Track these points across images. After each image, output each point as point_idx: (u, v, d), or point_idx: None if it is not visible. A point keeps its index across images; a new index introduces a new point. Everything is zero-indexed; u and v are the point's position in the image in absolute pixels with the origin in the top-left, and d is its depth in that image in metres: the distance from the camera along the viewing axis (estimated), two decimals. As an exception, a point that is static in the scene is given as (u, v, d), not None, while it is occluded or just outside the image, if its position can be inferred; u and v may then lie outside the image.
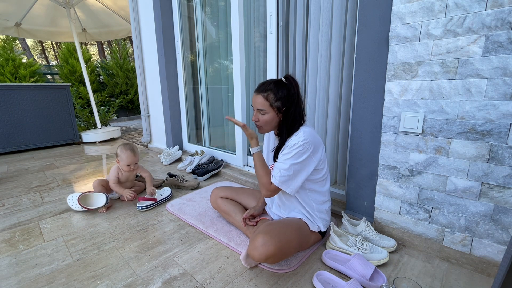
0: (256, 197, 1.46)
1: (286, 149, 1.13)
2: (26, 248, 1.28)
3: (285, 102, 1.14)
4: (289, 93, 1.14)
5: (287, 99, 1.14)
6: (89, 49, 14.69)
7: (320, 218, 1.24)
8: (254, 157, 1.19)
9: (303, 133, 1.12)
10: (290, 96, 1.14)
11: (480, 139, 1.03)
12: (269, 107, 1.14)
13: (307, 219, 1.23)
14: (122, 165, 1.76)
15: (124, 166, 1.76)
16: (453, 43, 1.03)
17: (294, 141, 1.11)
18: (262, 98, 1.14)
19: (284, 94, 1.13)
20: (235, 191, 1.51)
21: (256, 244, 1.01)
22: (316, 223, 1.23)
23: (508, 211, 1.01)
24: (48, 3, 3.87)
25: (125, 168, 1.77)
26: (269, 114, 1.15)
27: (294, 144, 1.10)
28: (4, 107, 3.05)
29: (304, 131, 1.13)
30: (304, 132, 1.12)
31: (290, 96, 1.14)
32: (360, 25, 1.28)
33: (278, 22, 1.82)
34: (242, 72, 2.14)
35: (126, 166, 1.76)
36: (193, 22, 2.69)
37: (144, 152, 3.23)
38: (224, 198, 1.50)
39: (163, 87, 2.87)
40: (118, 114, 6.62)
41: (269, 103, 1.14)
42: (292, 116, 1.15)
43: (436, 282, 1.05)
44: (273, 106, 1.14)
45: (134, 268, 1.14)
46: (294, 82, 1.15)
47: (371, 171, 1.35)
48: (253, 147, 1.19)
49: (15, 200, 1.85)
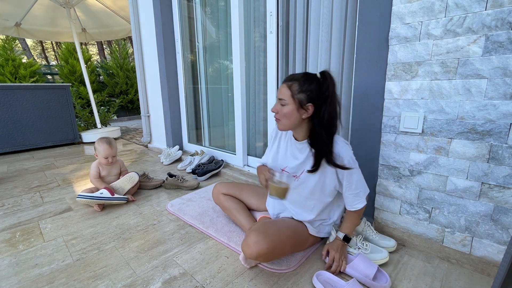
0: (259, 194, 1.45)
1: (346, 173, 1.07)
2: (26, 248, 1.28)
3: (312, 98, 1.01)
4: (319, 89, 1.01)
5: (317, 95, 1.01)
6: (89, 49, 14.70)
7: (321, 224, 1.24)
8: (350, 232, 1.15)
9: (345, 144, 1.08)
10: (322, 93, 1.01)
11: (480, 139, 1.03)
12: (290, 97, 1.02)
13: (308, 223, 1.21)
14: (100, 158, 1.82)
15: (102, 159, 1.82)
16: (453, 43, 1.03)
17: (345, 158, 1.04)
18: (285, 87, 1.04)
19: (311, 87, 1.01)
20: (238, 188, 1.49)
21: (249, 241, 1.02)
22: (314, 227, 1.22)
23: (508, 211, 1.01)
24: (48, 3, 3.86)
25: (103, 161, 1.82)
26: (289, 106, 1.03)
27: (348, 161, 1.05)
28: (4, 107, 3.05)
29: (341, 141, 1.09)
30: (343, 143, 1.08)
31: (320, 93, 1.01)
32: (360, 25, 1.28)
33: (278, 22, 1.82)
34: (242, 72, 2.14)
35: (103, 159, 1.82)
36: (193, 22, 2.69)
37: (144, 152, 3.23)
38: (226, 195, 1.48)
39: (163, 87, 2.87)
40: (118, 114, 6.61)
41: (291, 93, 1.02)
42: (325, 117, 1.01)
43: (436, 282, 1.05)
44: (294, 97, 1.02)
45: (134, 268, 1.14)
46: (330, 78, 1.01)
47: (371, 171, 1.34)
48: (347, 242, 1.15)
49: (15, 200, 1.84)
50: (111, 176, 1.89)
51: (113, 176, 1.90)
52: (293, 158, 1.17)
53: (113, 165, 1.89)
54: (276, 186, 1.05)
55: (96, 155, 1.84)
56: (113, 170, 1.90)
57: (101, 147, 1.80)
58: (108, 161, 1.83)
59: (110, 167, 1.88)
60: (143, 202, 1.79)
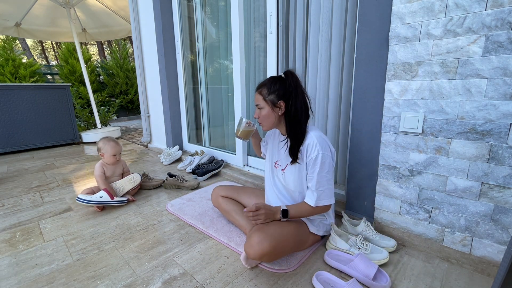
0: (257, 196, 1.46)
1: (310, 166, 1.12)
2: (26, 248, 1.28)
3: (281, 95, 1.12)
4: (284, 86, 1.12)
5: (283, 92, 1.12)
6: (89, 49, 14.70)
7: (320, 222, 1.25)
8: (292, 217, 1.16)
9: (316, 138, 1.11)
10: (286, 89, 1.12)
11: (480, 139, 1.03)
12: (263, 101, 1.15)
13: (308, 221, 1.23)
14: (108, 156, 1.80)
15: (110, 158, 1.80)
16: (453, 43, 1.03)
17: (312, 153, 1.10)
18: (257, 94, 1.18)
19: (277, 87, 1.12)
20: (236, 191, 1.51)
21: (251, 241, 1.02)
22: (314, 225, 1.24)
23: (508, 211, 1.01)
24: (48, 3, 3.87)
25: (111, 159, 1.81)
26: (265, 109, 1.15)
27: (316, 156, 1.09)
28: (4, 107, 3.05)
29: (316, 136, 1.12)
30: (316, 138, 1.11)
31: (286, 89, 1.12)
32: (360, 25, 1.28)
33: (278, 22, 1.82)
34: (242, 72, 2.14)
35: (112, 157, 1.80)
36: (193, 22, 2.69)
37: (144, 152, 3.23)
38: (225, 197, 1.50)
39: (163, 87, 2.87)
40: (118, 114, 6.61)
41: (262, 97, 1.15)
42: (292, 110, 1.12)
43: (436, 282, 1.05)
44: (266, 100, 1.14)
45: (134, 268, 1.14)
46: (291, 75, 1.12)
47: (371, 171, 1.34)
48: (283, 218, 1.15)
49: (15, 200, 1.84)
50: (115, 176, 1.89)
51: (117, 176, 1.90)
52: (281, 152, 1.26)
53: (117, 164, 1.89)
54: (245, 130, 1.27)
55: (102, 155, 1.81)
56: (117, 170, 1.90)
57: (108, 146, 1.80)
58: (116, 159, 1.83)
59: (114, 167, 1.87)
60: (143, 202, 1.79)
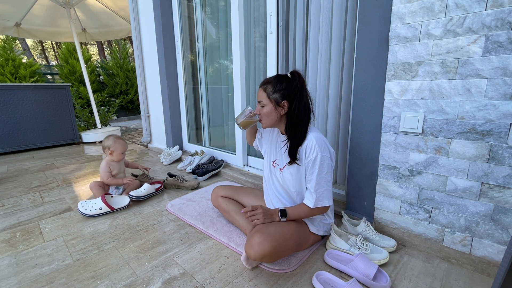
0: (257, 196, 1.46)
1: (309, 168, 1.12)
2: (26, 248, 1.28)
3: (286, 95, 1.12)
4: (290, 87, 1.12)
5: (289, 92, 1.12)
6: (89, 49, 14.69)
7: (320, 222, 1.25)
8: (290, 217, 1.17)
9: (315, 140, 1.11)
10: (292, 90, 1.12)
11: (480, 139, 1.03)
12: (267, 98, 1.15)
13: (309, 221, 1.23)
14: (117, 154, 1.84)
15: (119, 155, 1.85)
16: (453, 43, 1.03)
17: (310, 154, 1.10)
18: (261, 90, 1.17)
19: (283, 86, 1.12)
20: (236, 191, 1.51)
21: (252, 242, 1.02)
22: (315, 225, 1.24)
23: (508, 211, 1.01)
24: (48, 3, 3.87)
25: (119, 156, 1.85)
26: (267, 107, 1.15)
27: (315, 157, 1.09)
28: (4, 107, 3.05)
29: (315, 137, 1.12)
30: (315, 139, 1.11)
31: (291, 90, 1.12)
32: (360, 25, 1.28)
33: (278, 22, 1.82)
34: (242, 72, 2.14)
35: (121, 154, 1.86)
36: (193, 22, 2.69)
37: (144, 152, 3.23)
38: (225, 197, 1.50)
39: (163, 87, 2.87)
40: (118, 114, 6.62)
41: (266, 94, 1.15)
42: (295, 112, 1.12)
43: (436, 282, 1.05)
44: (270, 98, 1.14)
45: (134, 268, 1.14)
46: (298, 76, 1.13)
47: (371, 171, 1.34)
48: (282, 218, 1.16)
49: (15, 200, 1.84)
50: (121, 173, 1.93)
51: (121, 173, 1.94)
52: (281, 151, 1.25)
53: (121, 161, 1.94)
54: (246, 120, 1.23)
55: (111, 153, 1.83)
56: (122, 166, 1.95)
57: (118, 143, 1.84)
58: (123, 156, 1.89)
59: (120, 165, 1.91)
60: (143, 202, 1.79)
